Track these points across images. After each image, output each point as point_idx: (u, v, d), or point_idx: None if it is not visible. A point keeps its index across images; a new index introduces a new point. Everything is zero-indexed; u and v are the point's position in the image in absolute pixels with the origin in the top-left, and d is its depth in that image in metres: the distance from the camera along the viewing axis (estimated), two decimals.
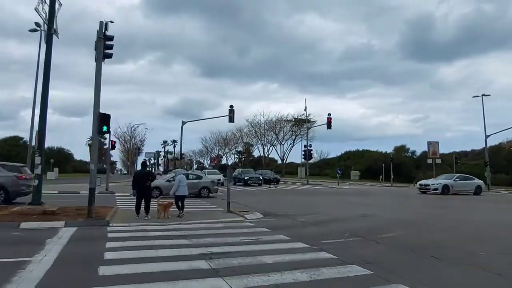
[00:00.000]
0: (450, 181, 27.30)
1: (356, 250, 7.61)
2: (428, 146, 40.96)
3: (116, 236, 8.79)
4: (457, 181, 27.46)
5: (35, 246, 7.32)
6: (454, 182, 27.17)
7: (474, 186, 27.52)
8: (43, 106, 11.94)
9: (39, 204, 11.57)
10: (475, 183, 28.04)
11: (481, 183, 28.60)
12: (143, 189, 11.77)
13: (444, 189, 26.06)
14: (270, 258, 6.73)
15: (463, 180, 28.11)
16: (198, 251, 7.27)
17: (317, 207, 17.06)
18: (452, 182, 27.03)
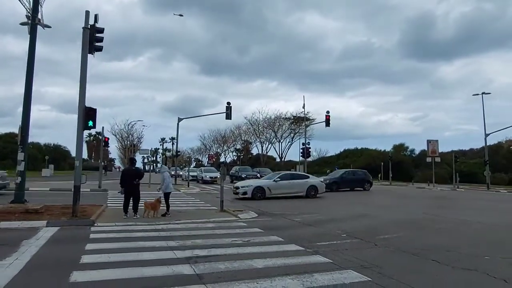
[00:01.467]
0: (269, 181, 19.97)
1: (353, 253, 7.11)
2: (428, 144, 40.44)
3: (98, 237, 8.28)
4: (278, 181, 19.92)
5: (7, 248, 6.81)
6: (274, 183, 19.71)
7: (306, 187, 20.26)
8: (26, 99, 11.39)
9: (21, 202, 11.03)
10: (307, 183, 20.51)
11: (316, 182, 21.19)
12: (131, 187, 11.25)
13: None
14: (261, 262, 6.24)
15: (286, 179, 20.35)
16: (183, 254, 6.78)
17: (314, 206, 16.57)
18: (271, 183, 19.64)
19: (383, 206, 17.11)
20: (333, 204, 17.47)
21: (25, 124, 11.34)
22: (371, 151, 62.23)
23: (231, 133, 76.19)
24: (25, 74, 11.66)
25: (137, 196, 11.46)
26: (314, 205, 16.81)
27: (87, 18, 11.30)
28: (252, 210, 13.83)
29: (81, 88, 10.90)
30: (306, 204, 17.22)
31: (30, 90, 11.57)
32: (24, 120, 11.34)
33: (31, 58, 11.64)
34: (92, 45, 12.53)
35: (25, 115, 11.38)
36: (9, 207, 10.76)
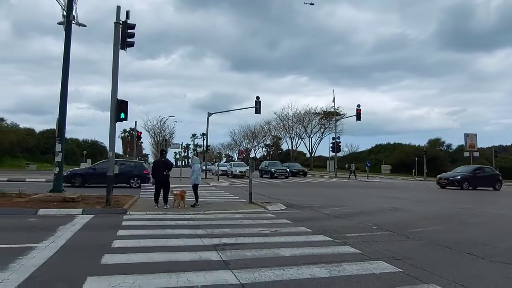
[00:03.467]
0: None
1: (383, 245, 6.90)
2: (465, 138, 38.69)
3: (130, 225, 8.52)
4: None
5: (45, 232, 7.14)
6: None
7: None
8: (63, 93, 11.89)
9: (59, 191, 11.56)
10: None
11: None
12: (161, 178, 11.50)
13: None
14: (288, 251, 6.17)
15: None
16: (211, 241, 6.83)
17: (344, 199, 16.27)
18: None
19: (416, 201, 16.53)
20: (364, 198, 17.07)
21: (62, 118, 11.85)
22: (404, 146, 60.08)
23: (261, 129, 76.41)
24: (63, 72, 12.17)
25: (167, 187, 11.70)
26: (345, 199, 16.49)
27: (118, 13, 11.61)
28: (281, 202, 13.77)
29: (113, 81, 11.22)
30: (336, 197, 16.93)
31: (66, 84, 12.06)
32: (61, 114, 11.85)
33: (66, 54, 12.12)
34: (124, 41, 12.86)
35: (61, 109, 11.89)
36: (48, 195, 11.30)
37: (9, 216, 9.17)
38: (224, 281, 4.55)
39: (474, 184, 23.83)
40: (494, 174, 25.71)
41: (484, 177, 24.72)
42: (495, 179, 24.99)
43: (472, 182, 23.82)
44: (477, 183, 23.98)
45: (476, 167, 26.87)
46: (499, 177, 25.31)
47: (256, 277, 4.71)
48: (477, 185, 23.90)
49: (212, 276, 4.71)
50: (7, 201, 10.67)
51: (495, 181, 24.75)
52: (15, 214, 9.36)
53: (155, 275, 4.64)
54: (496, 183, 24.58)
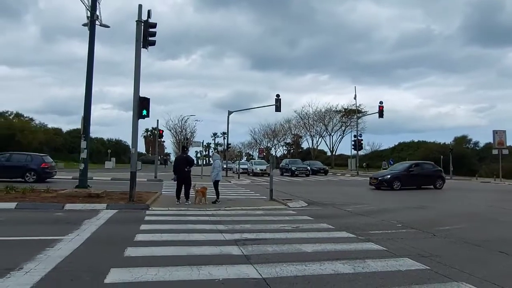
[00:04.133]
0: None
1: (408, 242, 6.69)
2: (494, 135, 37.13)
3: (152, 219, 8.63)
4: None
5: (71, 226, 7.31)
6: None
7: None
8: (87, 92, 12.18)
9: (85, 187, 11.86)
10: None
11: None
12: (182, 174, 11.59)
13: None
14: (310, 247, 6.08)
15: None
16: (232, 236, 6.81)
17: (367, 197, 15.96)
18: None
19: (442, 199, 16.02)
20: (387, 196, 16.68)
21: (86, 115, 12.14)
22: (429, 144, 58.44)
23: (281, 127, 76.11)
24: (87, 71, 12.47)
25: (189, 183, 11.79)
26: (367, 196, 16.18)
27: (140, 12, 11.78)
28: (302, 199, 13.63)
29: (136, 79, 11.39)
30: (358, 195, 16.64)
31: (91, 83, 12.34)
32: (86, 111, 12.15)
33: (91, 53, 12.40)
34: (146, 40, 13.05)
35: (86, 107, 12.18)
36: (74, 191, 11.61)
37: (37, 210, 9.47)
38: (245, 275, 4.51)
39: (407, 183, 20.08)
40: (434, 171, 21.90)
41: (420, 175, 20.90)
42: (436, 176, 21.30)
43: (405, 181, 20.03)
44: (411, 182, 20.37)
45: (411, 163, 22.87)
46: (441, 173, 21.91)
47: (278, 272, 4.65)
48: (412, 184, 20.37)
49: (233, 270, 4.68)
50: (36, 196, 11.03)
51: (435, 178, 21.04)
52: (43, 208, 9.65)
53: (177, 268, 4.65)
54: (436, 181, 20.91)
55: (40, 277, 4.19)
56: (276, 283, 4.24)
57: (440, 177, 21.22)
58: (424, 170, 21.46)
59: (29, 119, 55.66)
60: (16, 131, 47.66)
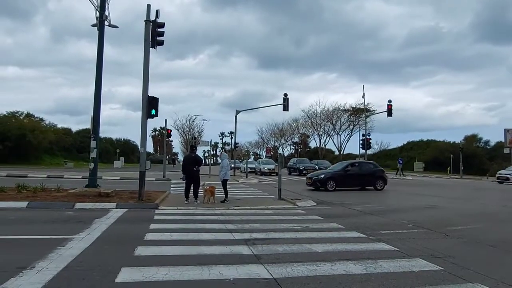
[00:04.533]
0: None
1: (421, 242, 6.59)
2: (505, 134, 36.71)
3: (162, 219, 8.64)
4: None
5: (82, 225, 7.34)
6: None
7: None
8: (97, 92, 12.25)
9: (94, 186, 11.93)
10: None
11: None
12: (191, 173, 11.60)
13: None
14: (320, 247, 6.02)
15: None
16: (241, 236, 6.78)
17: (376, 197, 15.82)
18: None
19: (453, 198, 15.81)
20: (396, 195, 16.52)
21: (96, 114, 12.22)
22: (439, 143, 57.84)
23: (289, 126, 75.88)
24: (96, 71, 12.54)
25: (197, 182, 11.79)
26: (376, 196, 16.04)
27: (148, 12, 11.82)
28: (311, 199, 13.56)
29: (144, 78, 11.42)
30: (367, 195, 16.51)
31: (100, 82, 12.41)
32: (95, 111, 12.22)
33: (100, 53, 12.46)
34: (154, 39, 13.11)
35: (96, 106, 12.25)
36: (84, 190, 11.69)
37: (48, 209, 9.54)
38: (256, 275, 4.47)
39: (343, 183, 18.82)
40: (374, 171, 20.22)
41: (358, 175, 19.49)
42: (376, 176, 19.70)
43: (340, 181, 18.75)
44: (347, 183, 19.10)
45: (349, 162, 21.82)
46: (382, 174, 20.25)
47: (289, 272, 4.60)
48: (349, 185, 19.09)
49: (243, 269, 4.65)
50: (47, 196, 11.13)
51: (376, 179, 19.50)
52: (54, 207, 9.72)
53: (187, 267, 4.64)
54: (377, 181, 19.40)
55: (52, 276, 4.20)
56: (288, 284, 4.20)
57: (381, 178, 19.73)
58: (363, 170, 20.15)
59: (39, 119, 56.26)
60: (27, 131, 48.20)
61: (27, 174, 23.68)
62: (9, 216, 8.47)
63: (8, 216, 8.47)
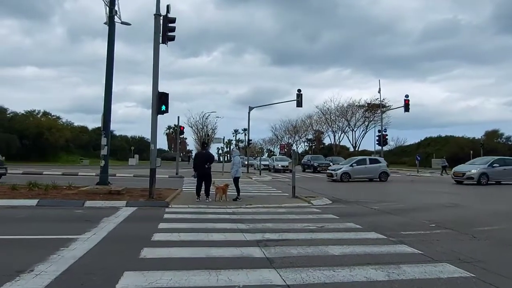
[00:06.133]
0: None
1: (445, 244, 6.12)
2: None
3: (171, 217, 8.38)
4: None
5: (89, 224, 7.13)
6: None
7: None
8: (107, 88, 12.08)
9: (105, 184, 11.78)
10: None
11: None
12: (202, 171, 11.32)
13: None
14: (337, 249, 5.62)
15: None
16: (253, 236, 6.45)
17: (394, 194, 15.27)
18: None
19: (476, 196, 15.13)
20: (414, 193, 15.91)
21: (107, 111, 12.05)
22: (458, 139, 56.21)
23: (302, 123, 75.20)
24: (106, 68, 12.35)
25: (209, 180, 11.52)
26: (392, 193, 15.48)
27: (158, 5, 11.56)
28: (326, 197, 13.13)
29: (154, 74, 11.18)
30: (383, 192, 15.97)
31: (111, 79, 12.23)
32: (106, 107, 12.05)
33: (110, 49, 12.28)
34: (165, 35, 12.85)
35: (107, 102, 12.07)
36: (94, 188, 11.56)
37: (58, 207, 9.42)
38: (268, 281, 4.12)
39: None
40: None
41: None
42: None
43: None
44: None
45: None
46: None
47: (304, 278, 4.24)
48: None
49: (255, 275, 4.30)
50: (58, 193, 11.04)
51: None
52: (64, 205, 9.59)
53: (194, 272, 4.32)
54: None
55: (50, 281, 3.94)
56: None
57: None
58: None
59: (56, 117, 57.23)
60: (44, 129, 49.09)
61: (42, 171, 23.94)
62: (17, 214, 8.35)
63: (16, 214, 8.35)
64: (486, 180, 19.85)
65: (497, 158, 22.02)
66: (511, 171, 20.59)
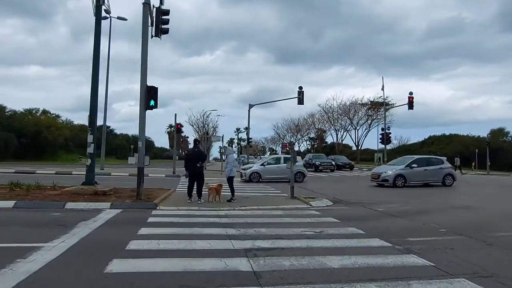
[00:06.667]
0: None
1: (460, 254, 5.38)
2: None
3: (156, 221, 7.66)
4: None
5: (62, 229, 6.43)
6: None
7: None
8: (94, 83, 11.37)
9: (91, 184, 11.07)
10: None
11: None
12: (194, 170, 10.61)
13: None
14: (336, 261, 4.90)
15: None
16: (242, 244, 5.73)
17: (399, 195, 14.50)
18: None
19: (487, 197, 14.34)
20: (421, 193, 15.14)
21: (93, 106, 11.35)
22: (462, 137, 55.20)
23: (305, 122, 74.41)
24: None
25: (201, 180, 10.81)
26: (398, 194, 14.72)
27: None
28: (326, 197, 12.39)
29: (143, 67, 10.48)
30: (388, 192, 15.20)
31: (97, 73, 11.56)
32: (92, 102, 11.35)
33: (97, 42, 11.61)
34: (158, 28, 12.21)
35: (93, 97, 11.38)
36: (79, 188, 10.88)
37: (36, 209, 8.71)
38: None
39: None
40: None
41: None
42: None
43: None
44: None
45: None
46: None
47: None
48: None
49: None
50: (39, 194, 10.35)
51: None
52: (43, 207, 8.89)
53: None
54: None
55: None
56: None
57: None
58: None
59: (55, 115, 56.68)
60: (43, 128, 48.55)
61: (35, 170, 23.33)
62: None
63: None
64: (403, 182, 17.40)
65: (418, 157, 19.63)
66: (433, 172, 18.16)
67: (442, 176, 18.32)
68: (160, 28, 12.40)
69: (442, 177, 18.32)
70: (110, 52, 31.39)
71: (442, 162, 19.11)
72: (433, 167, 18.49)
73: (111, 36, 30.88)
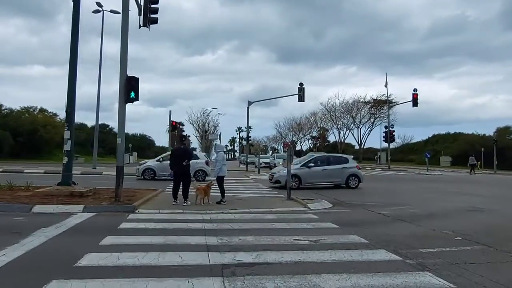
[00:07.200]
0: None
1: (483, 270, 4.41)
2: None
3: (127, 228, 6.69)
4: None
5: (13, 237, 5.49)
6: None
7: None
8: (71, 76, 10.45)
9: (68, 184, 10.13)
10: None
11: None
12: (180, 169, 9.64)
13: None
14: (333, 282, 3.94)
15: None
16: (221, 258, 4.76)
17: (404, 196, 13.50)
18: None
19: (499, 198, 13.32)
20: (428, 194, 14.10)
21: (70, 100, 10.40)
22: (467, 136, 53.97)
23: (307, 120, 73.35)
24: (70, 53, 10.79)
25: (188, 179, 9.85)
26: (404, 195, 13.70)
27: None
28: (326, 199, 11.39)
29: (122, 56, 9.54)
30: (393, 194, 14.18)
31: (75, 64, 10.62)
32: (69, 96, 10.39)
33: (74, 31, 10.69)
34: (147, 17, 11.42)
35: (70, 91, 10.43)
36: (55, 189, 9.94)
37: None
38: None
39: None
40: None
41: None
42: None
43: None
44: None
45: None
46: None
47: None
48: None
49: None
50: (8, 195, 9.39)
51: None
52: (6, 210, 7.93)
53: None
54: None
55: None
56: None
57: None
58: None
59: (53, 114, 55.78)
60: (39, 126, 47.74)
61: (23, 169, 22.43)
62: None
63: None
64: (298, 183, 15.21)
65: (318, 155, 18.01)
66: (334, 172, 16.14)
67: (345, 177, 16.12)
68: (149, 17, 11.56)
69: (346, 178, 16.11)
70: (102, 48, 30.52)
71: (346, 161, 16.91)
72: (334, 166, 16.40)
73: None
